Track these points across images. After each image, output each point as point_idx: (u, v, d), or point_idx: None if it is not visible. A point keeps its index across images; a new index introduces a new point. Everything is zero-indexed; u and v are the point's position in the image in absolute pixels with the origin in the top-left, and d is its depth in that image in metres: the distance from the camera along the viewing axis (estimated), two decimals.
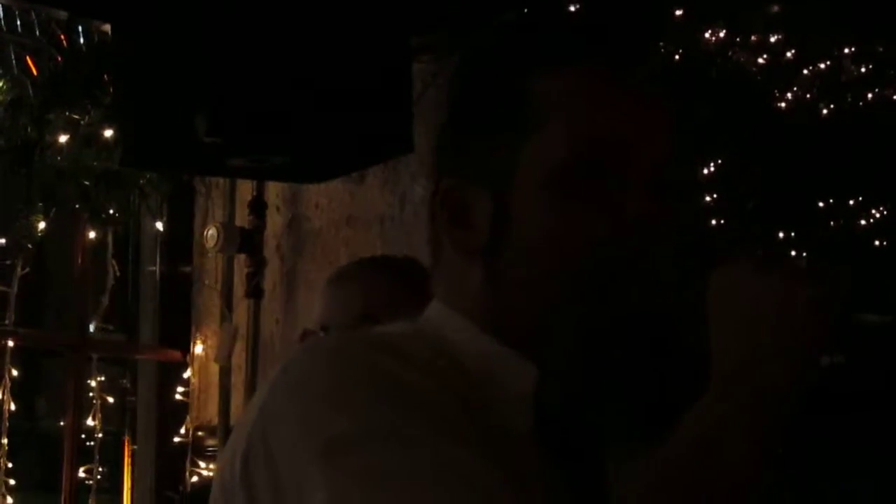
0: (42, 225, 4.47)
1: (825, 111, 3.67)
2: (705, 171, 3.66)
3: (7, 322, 4.55)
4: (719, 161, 3.65)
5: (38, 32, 4.56)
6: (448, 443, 1.00)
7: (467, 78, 1.25)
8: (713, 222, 3.61)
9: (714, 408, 1.06)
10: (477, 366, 1.14)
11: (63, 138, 4.39)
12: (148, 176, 4.54)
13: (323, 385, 1.05)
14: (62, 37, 4.55)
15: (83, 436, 4.73)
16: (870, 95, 3.63)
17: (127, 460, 4.91)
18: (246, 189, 4.63)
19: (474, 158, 1.19)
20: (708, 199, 3.64)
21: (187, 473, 4.86)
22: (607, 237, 1.11)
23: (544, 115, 1.15)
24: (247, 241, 4.42)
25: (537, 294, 1.13)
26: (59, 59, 4.51)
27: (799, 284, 1.06)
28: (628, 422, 1.21)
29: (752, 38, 3.67)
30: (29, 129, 4.36)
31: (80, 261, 4.74)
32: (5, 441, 4.48)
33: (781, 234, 3.58)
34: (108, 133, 4.39)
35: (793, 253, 3.52)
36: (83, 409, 4.74)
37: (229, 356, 4.74)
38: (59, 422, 4.78)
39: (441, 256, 1.21)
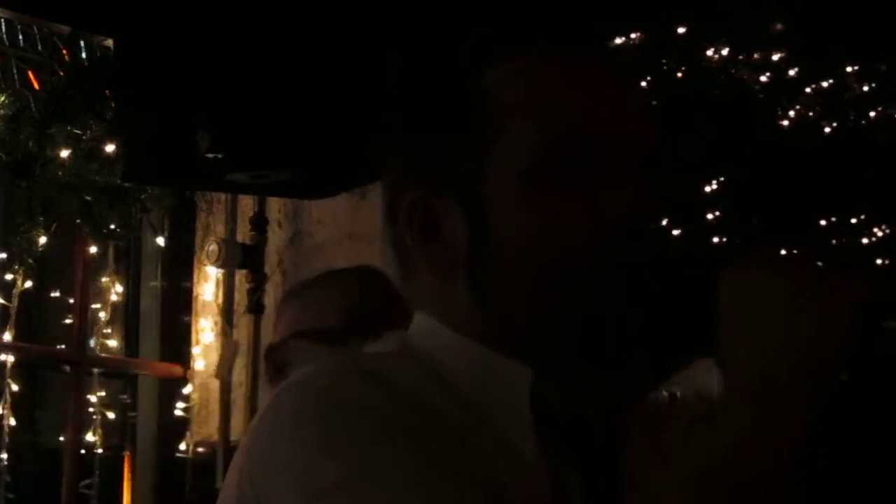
0: (43, 239, 4.46)
1: (828, 129, 3.67)
2: (708, 189, 3.65)
3: (7, 337, 4.54)
4: (722, 178, 3.65)
5: (40, 46, 4.57)
6: (445, 483, 0.96)
7: (412, 74, 1.13)
8: (716, 239, 3.61)
9: (733, 415, 0.98)
10: (469, 378, 1.07)
11: (65, 153, 4.38)
12: (149, 191, 4.53)
13: (311, 430, 1.00)
14: (64, 51, 4.55)
15: (83, 451, 4.72)
16: (873, 113, 3.63)
17: (127, 476, 4.89)
18: (247, 204, 4.63)
19: (434, 164, 1.09)
20: (711, 216, 3.64)
21: (187, 489, 4.85)
22: (593, 231, 1.04)
23: (507, 111, 1.06)
24: (248, 257, 4.43)
25: (529, 301, 1.06)
26: (61, 73, 4.51)
27: (817, 284, 0.99)
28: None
29: (756, 55, 3.67)
30: (30, 143, 4.36)
31: (80, 275, 4.74)
32: (5, 456, 4.47)
33: (784, 252, 3.56)
34: (110, 148, 4.39)
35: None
36: (84, 424, 4.73)
37: (230, 372, 4.73)
38: (60, 437, 4.77)
39: (414, 271, 1.12)
